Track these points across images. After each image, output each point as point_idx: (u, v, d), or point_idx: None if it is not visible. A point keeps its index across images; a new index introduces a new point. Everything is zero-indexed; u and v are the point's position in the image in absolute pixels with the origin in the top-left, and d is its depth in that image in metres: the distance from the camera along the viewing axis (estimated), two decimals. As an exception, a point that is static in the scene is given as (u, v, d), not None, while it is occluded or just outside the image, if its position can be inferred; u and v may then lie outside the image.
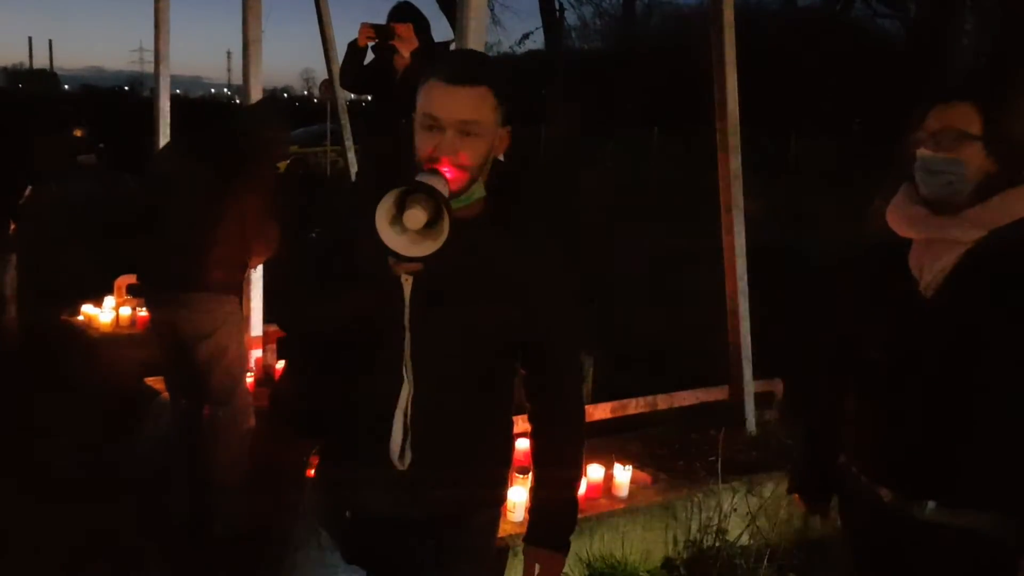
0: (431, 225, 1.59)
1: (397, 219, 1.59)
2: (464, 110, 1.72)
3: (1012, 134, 1.87)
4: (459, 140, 1.72)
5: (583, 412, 2.03)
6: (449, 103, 1.71)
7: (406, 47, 4.43)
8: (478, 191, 1.79)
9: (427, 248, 1.59)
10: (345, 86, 5.07)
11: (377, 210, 1.57)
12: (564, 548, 1.97)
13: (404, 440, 1.80)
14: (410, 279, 1.74)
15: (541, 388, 1.97)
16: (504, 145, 1.83)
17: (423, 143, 1.74)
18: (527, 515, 2.00)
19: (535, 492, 1.99)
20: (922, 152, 1.89)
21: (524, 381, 1.98)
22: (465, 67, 1.77)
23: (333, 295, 1.82)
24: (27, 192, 5.49)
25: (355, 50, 4.63)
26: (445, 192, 1.62)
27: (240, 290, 3.80)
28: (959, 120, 1.87)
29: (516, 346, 1.90)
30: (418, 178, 1.62)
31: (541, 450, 1.98)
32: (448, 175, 1.68)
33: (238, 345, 3.67)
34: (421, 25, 4.49)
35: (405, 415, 1.79)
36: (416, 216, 1.58)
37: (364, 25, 4.54)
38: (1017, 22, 13.62)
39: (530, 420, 1.99)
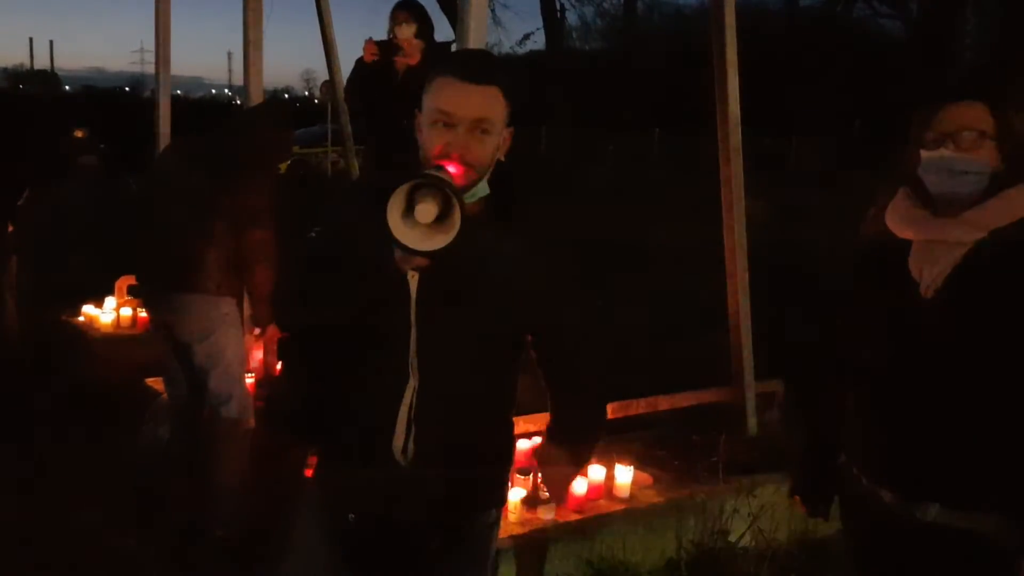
0: (442, 219, 1.58)
1: (408, 213, 1.58)
2: (479, 108, 1.73)
3: (1020, 133, 1.87)
4: (472, 138, 1.73)
5: (604, 416, 2.09)
6: (464, 101, 1.72)
7: (412, 58, 4.45)
8: (482, 189, 1.80)
9: (438, 242, 1.57)
10: (352, 103, 5.10)
11: (388, 204, 1.56)
12: (579, 459, 2.05)
13: (407, 435, 1.81)
14: (416, 275, 1.74)
15: (559, 378, 1.99)
16: (507, 145, 1.85)
17: (433, 140, 1.74)
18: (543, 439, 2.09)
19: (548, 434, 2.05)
20: (943, 153, 1.89)
21: (543, 374, 1.99)
22: (480, 66, 1.78)
23: (333, 293, 1.82)
24: (26, 193, 5.49)
25: (361, 66, 4.64)
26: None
27: (239, 292, 3.79)
28: (976, 120, 1.88)
29: (519, 343, 1.91)
30: (429, 172, 1.62)
31: (557, 427, 2.04)
32: (456, 172, 1.68)
33: (236, 346, 3.66)
34: (424, 28, 4.50)
35: (410, 409, 1.80)
36: (428, 210, 1.57)
37: (368, 42, 4.55)
38: (1018, 21, 13.61)
39: (550, 406, 2.02)
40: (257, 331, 3.79)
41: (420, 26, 4.54)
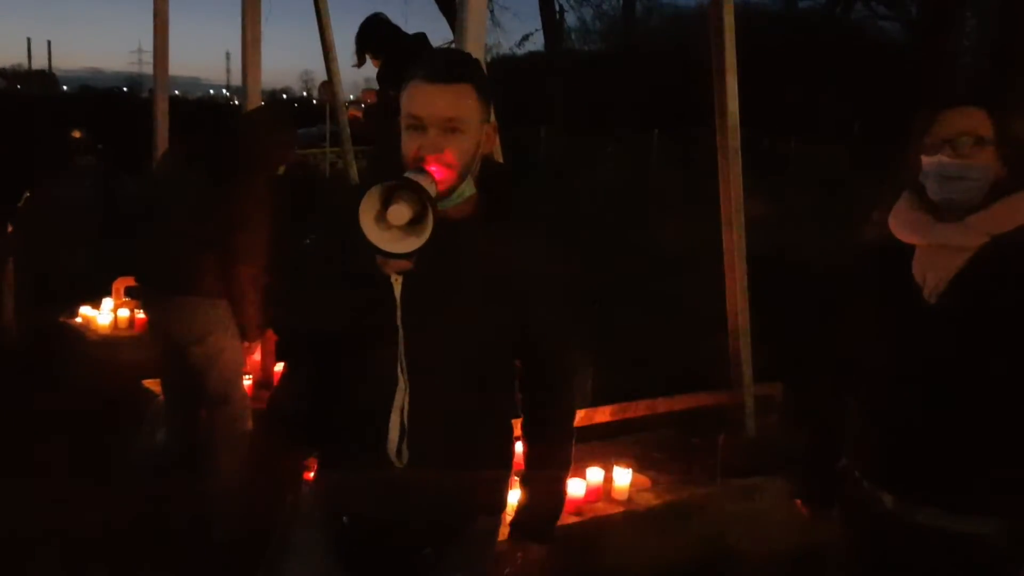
0: (416, 222, 1.58)
1: (382, 215, 1.58)
2: (446, 108, 1.72)
3: (1020, 137, 1.87)
4: (443, 138, 1.72)
5: (573, 413, 2.04)
6: (431, 102, 1.72)
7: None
8: (468, 189, 1.79)
9: (411, 245, 1.57)
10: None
11: (361, 206, 1.56)
12: (546, 540, 2.01)
13: (401, 439, 1.80)
14: (399, 278, 1.73)
15: (535, 386, 1.97)
16: (491, 141, 1.84)
17: (408, 144, 1.74)
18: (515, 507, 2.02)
19: (522, 486, 2.01)
20: (941, 159, 1.88)
21: (520, 379, 1.97)
22: (445, 66, 1.77)
23: (328, 296, 1.81)
24: (25, 194, 5.49)
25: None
26: (432, 190, 1.60)
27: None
28: (975, 125, 1.87)
29: (512, 345, 1.89)
30: (405, 175, 1.61)
31: (531, 448, 2.00)
32: (436, 175, 1.67)
33: (233, 348, 3.65)
34: (369, 46, 4.60)
35: (402, 413, 1.79)
36: (400, 212, 1.57)
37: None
38: (1017, 23, 13.60)
39: (523, 417, 1.99)
40: (246, 344, 3.70)
41: (369, 51, 4.65)
